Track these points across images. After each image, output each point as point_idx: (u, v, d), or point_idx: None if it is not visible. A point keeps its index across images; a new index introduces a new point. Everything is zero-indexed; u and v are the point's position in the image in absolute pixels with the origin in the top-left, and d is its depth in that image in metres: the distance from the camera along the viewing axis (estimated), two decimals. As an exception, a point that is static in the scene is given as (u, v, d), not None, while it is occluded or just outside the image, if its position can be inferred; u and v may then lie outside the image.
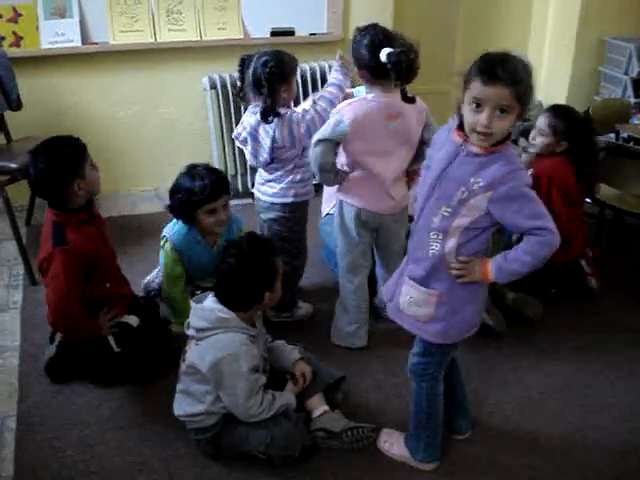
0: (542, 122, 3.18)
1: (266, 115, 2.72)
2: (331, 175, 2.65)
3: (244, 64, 2.77)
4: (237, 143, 2.95)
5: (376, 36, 2.50)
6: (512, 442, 2.43)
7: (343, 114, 2.55)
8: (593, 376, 2.78)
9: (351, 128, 2.53)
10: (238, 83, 2.93)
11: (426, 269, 2.01)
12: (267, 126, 2.74)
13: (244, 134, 2.83)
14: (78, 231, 2.56)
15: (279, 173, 2.86)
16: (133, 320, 2.75)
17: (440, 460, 2.33)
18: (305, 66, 4.37)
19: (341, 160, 2.71)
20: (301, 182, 2.89)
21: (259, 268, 2.23)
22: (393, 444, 2.38)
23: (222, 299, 2.26)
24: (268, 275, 2.26)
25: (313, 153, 2.58)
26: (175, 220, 2.91)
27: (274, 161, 2.84)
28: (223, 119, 4.26)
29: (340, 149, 2.64)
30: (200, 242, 2.89)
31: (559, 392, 2.68)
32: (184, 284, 2.94)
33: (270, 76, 2.67)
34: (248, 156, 2.89)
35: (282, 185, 2.87)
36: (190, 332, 2.28)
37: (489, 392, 2.67)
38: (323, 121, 2.69)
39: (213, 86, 4.21)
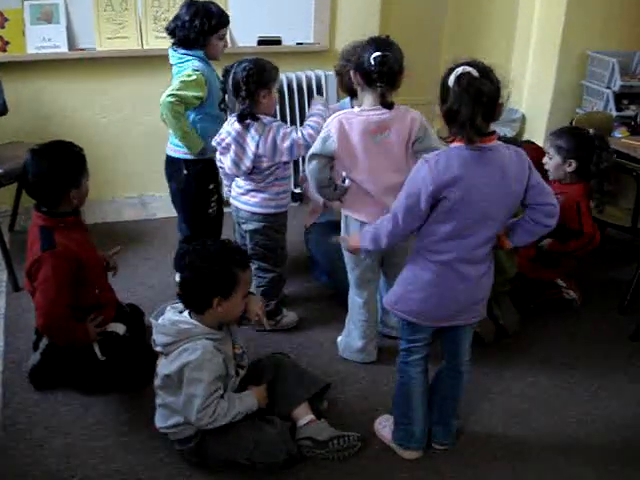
0: (547, 145, 3.22)
1: (243, 118, 2.75)
2: (329, 190, 2.66)
3: (227, 74, 2.79)
4: (217, 152, 2.95)
5: (374, 43, 2.51)
6: (496, 452, 2.45)
7: (330, 129, 2.56)
8: (577, 386, 2.80)
9: (339, 145, 2.55)
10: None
11: None
12: (253, 131, 2.76)
13: (228, 140, 2.83)
14: (66, 235, 2.55)
15: (261, 184, 2.88)
16: (120, 328, 2.74)
17: (419, 450, 2.40)
18: (291, 75, 4.39)
19: (341, 172, 2.71)
20: (282, 194, 2.92)
21: (215, 272, 2.18)
22: (385, 426, 2.47)
23: (181, 292, 2.23)
24: (222, 282, 2.19)
25: (309, 169, 2.61)
26: (180, 62, 3.04)
27: (254, 170, 2.85)
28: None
29: None
30: (213, 69, 3.11)
31: (543, 402, 2.70)
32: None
33: (248, 78, 2.71)
34: (228, 164, 2.88)
35: (264, 195, 2.89)
36: (158, 349, 2.26)
37: (473, 401, 2.68)
38: (307, 147, 2.73)
39: (199, 94, 4.20)
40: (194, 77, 2.97)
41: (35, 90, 4.11)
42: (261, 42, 4.41)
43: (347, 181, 2.67)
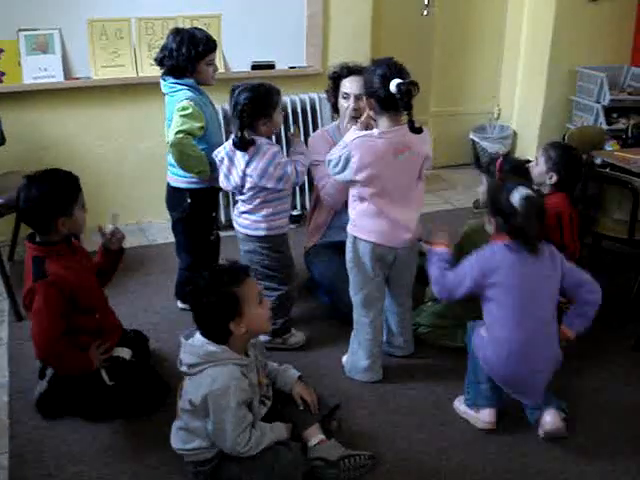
0: (539, 152, 3.26)
1: (236, 145, 2.81)
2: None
3: (232, 95, 2.83)
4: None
5: (389, 68, 2.56)
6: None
7: (351, 151, 2.60)
8: (580, 398, 2.81)
9: (359, 166, 2.60)
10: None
11: None
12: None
13: (222, 153, 2.89)
14: (59, 263, 2.55)
15: (250, 206, 2.92)
16: (125, 353, 2.74)
17: (491, 408, 2.58)
18: (285, 99, 4.42)
19: (352, 192, 2.75)
20: (273, 216, 2.94)
21: (214, 303, 2.19)
22: (462, 402, 2.69)
23: (201, 333, 2.26)
24: (226, 307, 2.19)
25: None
26: (172, 92, 3.08)
27: (243, 190, 2.90)
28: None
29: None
30: (206, 95, 3.16)
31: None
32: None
33: (242, 111, 2.76)
34: (221, 177, 2.95)
35: (254, 217, 2.93)
36: (183, 369, 2.27)
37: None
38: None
39: (195, 119, 4.23)
40: (190, 110, 3.00)
41: (32, 120, 4.13)
42: (255, 67, 4.46)
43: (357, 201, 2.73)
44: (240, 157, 2.84)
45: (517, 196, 2.39)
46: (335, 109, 3.40)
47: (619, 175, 3.53)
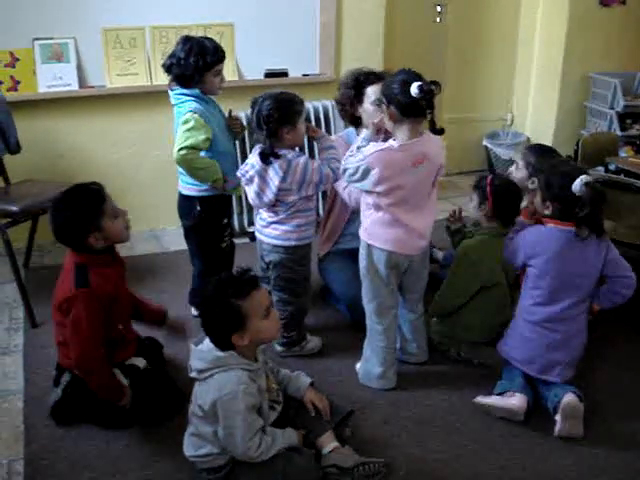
0: (519, 156, 3.26)
1: (264, 157, 2.78)
2: None
3: (254, 106, 2.81)
4: (242, 182, 2.98)
5: (408, 74, 2.57)
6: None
7: (372, 164, 2.59)
8: (596, 405, 2.80)
9: (379, 179, 2.60)
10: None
11: None
12: (277, 167, 2.78)
13: (251, 172, 2.85)
14: (100, 273, 2.57)
15: (282, 216, 2.89)
16: (140, 362, 2.75)
17: (522, 394, 2.66)
18: (299, 106, 4.44)
19: (366, 200, 2.74)
20: (304, 226, 2.93)
21: (217, 314, 2.20)
22: (485, 397, 2.74)
23: (210, 340, 2.27)
24: (229, 319, 2.19)
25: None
26: (179, 103, 3.05)
27: (277, 203, 2.87)
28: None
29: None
30: (214, 104, 3.13)
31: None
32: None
33: (269, 118, 2.73)
34: (251, 195, 2.90)
35: (285, 228, 2.90)
36: (193, 374, 2.28)
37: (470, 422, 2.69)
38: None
39: (209, 127, 4.25)
40: (192, 122, 2.95)
41: (47, 128, 4.16)
42: (268, 75, 4.48)
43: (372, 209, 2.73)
44: (273, 175, 2.80)
45: (579, 184, 2.49)
46: (353, 120, 3.31)
47: (634, 181, 3.52)
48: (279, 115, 2.74)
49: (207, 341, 2.28)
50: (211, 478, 2.29)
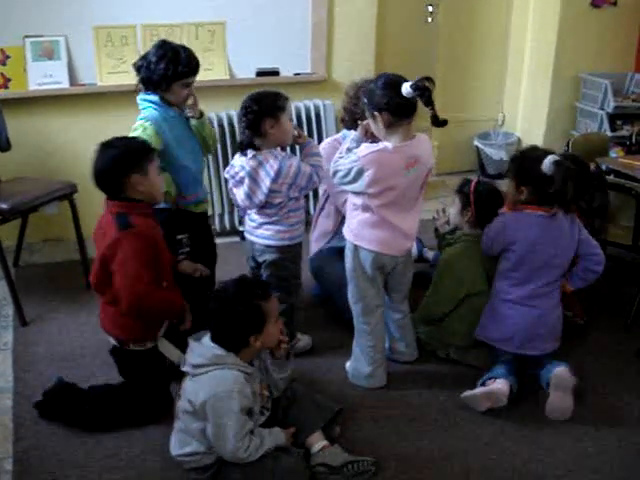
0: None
1: (242, 147, 2.79)
2: None
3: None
4: (229, 183, 2.97)
5: (389, 76, 2.57)
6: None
7: (365, 165, 2.59)
8: (584, 405, 2.81)
9: (372, 187, 2.61)
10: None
11: None
12: (268, 168, 2.77)
13: (242, 174, 2.84)
14: (142, 219, 2.51)
15: (275, 218, 2.88)
16: (175, 356, 2.61)
17: (508, 381, 2.71)
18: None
19: (353, 200, 2.74)
20: (296, 225, 2.94)
21: (241, 313, 2.22)
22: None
23: (213, 339, 2.27)
24: (252, 320, 2.22)
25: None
26: (141, 109, 2.93)
27: (266, 205, 2.86)
28: (210, 158, 4.30)
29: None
30: (175, 115, 2.94)
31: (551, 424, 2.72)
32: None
33: (247, 109, 2.74)
34: (241, 196, 2.88)
35: (278, 228, 2.90)
36: (186, 368, 2.28)
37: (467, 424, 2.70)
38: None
39: (199, 126, 4.24)
40: (139, 131, 2.82)
41: (37, 126, 4.15)
42: (259, 73, 4.47)
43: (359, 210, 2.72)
44: (264, 176, 2.79)
45: (547, 163, 2.60)
46: (354, 125, 3.18)
47: (624, 182, 3.54)
48: (259, 107, 2.73)
49: (207, 338, 2.28)
50: (199, 478, 2.28)
